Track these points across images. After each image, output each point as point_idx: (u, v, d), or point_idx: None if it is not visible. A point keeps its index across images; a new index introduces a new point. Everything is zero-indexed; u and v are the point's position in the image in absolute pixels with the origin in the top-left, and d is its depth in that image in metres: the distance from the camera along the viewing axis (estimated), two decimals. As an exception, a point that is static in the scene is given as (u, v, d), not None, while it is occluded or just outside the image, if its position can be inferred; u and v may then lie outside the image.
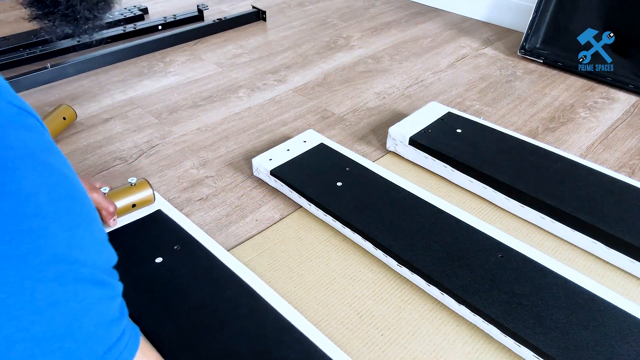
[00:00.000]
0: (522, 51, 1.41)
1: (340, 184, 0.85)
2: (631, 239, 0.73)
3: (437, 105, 1.06)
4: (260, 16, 1.68)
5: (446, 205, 0.80)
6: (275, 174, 0.88)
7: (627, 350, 0.58)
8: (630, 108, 1.19)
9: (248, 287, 0.66)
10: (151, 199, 0.75)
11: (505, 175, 0.86)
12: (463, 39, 1.55)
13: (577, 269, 0.75)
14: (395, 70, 1.36)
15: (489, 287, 0.66)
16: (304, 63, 1.40)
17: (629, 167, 0.98)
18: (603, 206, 0.79)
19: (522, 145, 0.94)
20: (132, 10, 1.68)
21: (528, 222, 0.84)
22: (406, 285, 0.73)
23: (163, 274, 0.67)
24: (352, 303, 0.70)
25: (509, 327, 0.61)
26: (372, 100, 1.22)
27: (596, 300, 0.64)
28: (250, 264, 0.76)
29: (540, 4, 1.37)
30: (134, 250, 0.71)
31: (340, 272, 0.75)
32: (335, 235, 0.81)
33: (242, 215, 0.86)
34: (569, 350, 0.58)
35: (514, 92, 1.25)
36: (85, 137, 1.07)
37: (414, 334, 0.66)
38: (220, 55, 1.45)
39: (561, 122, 1.13)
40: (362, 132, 1.09)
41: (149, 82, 1.30)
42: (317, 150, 0.93)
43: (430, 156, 0.93)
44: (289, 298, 0.71)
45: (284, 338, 0.59)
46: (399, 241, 0.73)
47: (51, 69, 1.28)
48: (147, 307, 0.63)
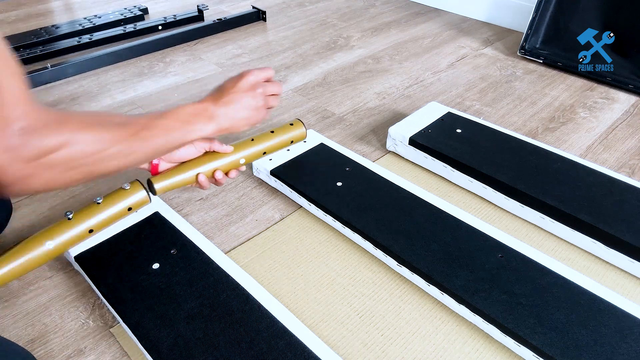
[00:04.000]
0: (522, 51, 1.41)
1: (340, 184, 0.85)
2: (631, 239, 0.73)
3: (437, 105, 1.06)
4: (260, 16, 1.68)
5: (446, 205, 0.80)
6: (275, 174, 0.88)
7: (627, 350, 0.58)
8: (630, 108, 1.19)
9: (245, 291, 0.66)
10: (146, 200, 0.74)
11: (505, 175, 0.86)
12: (463, 39, 1.55)
13: (577, 269, 0.75)
14: (395, 70, 1.36)
15: (489, 287, 0.66)
16: (304, 63, 1.40)
17: (628, 167, 0.98)
18: (603, 206, 0.79)
19: (522, 145, 0.94)
20: (132, 10, 1.68)
21: (528, 222, 0.84)
22: (406, 285, 0.73)
23: (160, 281, 0.67)
24: (352, 303, 0.70)
25: (509, 327, 0.61)
26: (372, 100, 1.22)
27: (596, 300, 0.64)
28: (249, 264, 0.76)
29: (540, 4, 1.37)
30: (131, 256, 0.71)
31: (340, 272, 0.75)
32: (335, 235, 0.81)
33: (242, 215, 0.86)
34: (569, 350, 0.58)
35: (513, 92, 1.25)
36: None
37: (414, 334, 0.66)
38: (220, 55, 1.45)
39: (561, 122, 1.13)
40: (362, 132, 1.09)
41: (149, 82, 1.30)
42: (317, 150, 0.93)
43: (430, 156, 0.93)
44: (289, 298, 0.71)
45: (278, 343, 0.59)
46: (399, 241, 0.73)
47: (51, 69, 1.29)
48: (143, 315, 0.63)
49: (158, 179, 0.71)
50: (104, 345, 0.65)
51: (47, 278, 0.74)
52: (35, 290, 0.73)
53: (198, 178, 0.71)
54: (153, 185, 0.71)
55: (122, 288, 0.66)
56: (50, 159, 0.45)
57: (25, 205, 0.88)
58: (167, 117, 0.60)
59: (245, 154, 0.77)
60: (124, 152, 0.54)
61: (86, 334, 0.66)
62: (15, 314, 0.69)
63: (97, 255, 0.71)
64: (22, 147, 0.42)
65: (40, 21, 1.68)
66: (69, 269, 0.76)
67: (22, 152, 0.42)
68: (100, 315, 0.69)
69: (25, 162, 0.43)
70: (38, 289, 0.73)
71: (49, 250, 0.66)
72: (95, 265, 0.69)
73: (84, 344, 0.65)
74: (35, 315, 0.69)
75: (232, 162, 0.75)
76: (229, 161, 0.75)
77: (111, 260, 0.70)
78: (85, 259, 0.70)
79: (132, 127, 0.55)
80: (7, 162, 0.41)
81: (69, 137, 0.46)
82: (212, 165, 0.73)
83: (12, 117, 0.42)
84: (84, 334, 0.66)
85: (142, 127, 0.56)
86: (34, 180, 0.45)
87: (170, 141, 0.60)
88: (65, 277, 0.75)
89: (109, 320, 0.68)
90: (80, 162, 0.48)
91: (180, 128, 0.60)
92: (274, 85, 0.70)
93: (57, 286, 0.73)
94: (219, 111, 0.63)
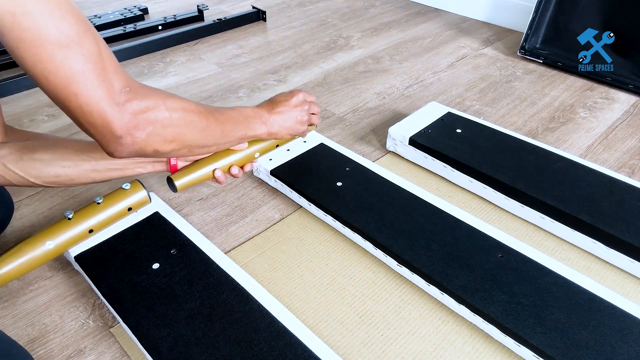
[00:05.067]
0: (522, 51, 1.41)
1: (340, 184, 0.85)
2: (631, 239, 0.73)
3: (437, 105, 1.06)
4: (260, 16, 1.68)
5: (446, 205, 0.80)
6: (275, 174, 0.88)
7: (627, 350, 0.58)
8: (630, 108, 1.19)
9: (245, 291, 0.66)
10: (146, 200, 0.74)
11: (505, 175, 0.86)
12: (463, 39, 1.55)
13: (577, 269, 0.75)
14: (395, 70, 1.36)
15: (488, 287, 0.66)
16: (304, 63, 1.40)
17: (628, 167, 0.98)
18: (603, 206, 0.79)
19: (522, 145, 0.94)
20: (132, 10, 1.68)
21: (528, 222, 0.84)
22: (406, 285, 0.73)
23: (160, 281, 0.67)
24: (352, 303, 0.70)
25: (509, 327, 0.61)
26: (372, 100, 1.22)
27: (596, 300, 0.64)
28: (250, 264, 0.76)
29: (540, 4, 1.37)
30: (131, 256, 0.71)
31: (340, 272, 0.75)
32: (335, 235, 0.81)
33: (242, 215, 0.86)
34: (569, 350, 0.58)
35: (513, 92, 1.25)
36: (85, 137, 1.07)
37: (413, 334, 0.66)
38: (220, 55, 1.45)
39: (561, 122, 1.13)
40: (362, 132, 1.09)
41: (149, 82, 1.30)
42: (317, 150, 0.93)
43: (430, 156, 0.93)
44: (289, 299, 0.71)
45: (278, 343, 0.59)
46: (399, 241, 0.73)
47: (51, 69, 1.28)
48: (143, 315, 0.63)
49: (178, 176, 0.72)
50: (104, 345, 0.65)
51: (47, 278, 0.74)
52: (35, 290, 0.73)
53: (215, 173, 0.74)
54: (173, 182, 0.72)
55: (122, 288, 0.66)
56: (149, 115, 0.54)
57: (25, 205, 0.88)
58: (233, 111, 0.69)
59: (259, 148, 0.79)
60: (202, 125, 0.62)
61: (86, 334, 0.66)
62: (15, 314, 0.69)
63: (97, 255, 0.71)
64: (127, 103, 0.52)
65: (40, 21, 1.68)
66: (69, 269, 0.76)
67: (128, 107, 0.52)
68: (100, 315, 0.69)
69: (131, 115, 0.52)
70: (38, 289, 0.73)
71: (49, 250, 0.66)
72: (95, 265, 0.69)
73: (84, 344, 0.65)
74: (35, 315, 0.69)
75: (247, 155, 0.78)
76: (244, 155, 0.77)
77: (111, 260, 0.70)
78: (85, 259, 0.70)
79: (208, 108, 0.64)
80: (117, 115, 0.51)
81: (161, 100, 0.56)
82: (229, 160, 0.76)
83: (116, 80, 0.51)
84: (84, 334, 0.66)
85: (215, 110, 0.66)
86: (139, 132, 0.53)
87: (234, 131, 0.69)
88: (65, 277, 0.75)
89: (109, 320, 0.68)
90: (172, 123, 0.57)
91: (243, 123, 0.70)
92: (316, 106, 0.82)
93: (57, 286, 0.73)
94: (272, 118, 0.74)
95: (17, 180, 0.65)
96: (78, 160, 0.68)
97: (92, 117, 0.50)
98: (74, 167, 0.67)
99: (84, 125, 0.51)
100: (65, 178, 0.67)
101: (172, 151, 0.60)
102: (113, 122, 0.51)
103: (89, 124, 0.51)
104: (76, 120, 0.51)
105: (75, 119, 0.51)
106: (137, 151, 0.55)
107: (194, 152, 0.65)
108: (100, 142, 0.53)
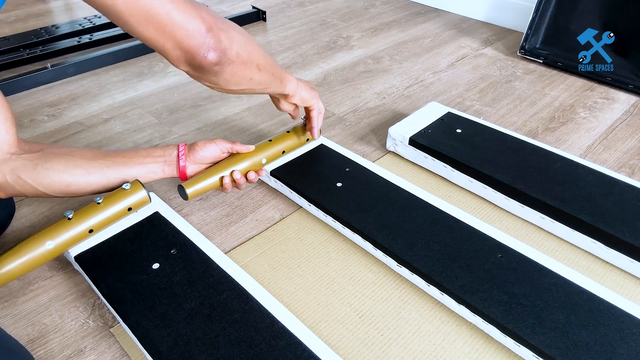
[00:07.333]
0: (522, 51, 1.41)
1: (340, 185, 0.85)
2: (631, 239, 0.73)
3: (437, 105, 1.06)
4: (260, 16, 1.68)
5: (446, 205, 0.80)
6: (275, 175, 0.88)
7: (627, 350, 0.58)
8: (630, 108, 1.19)
9: (245, 291, 0.66)
10: (146, 200, 0.74)
11: (505, 175, 0.86)
12: (463, 39, 1.55)
13: (577, 269, 0.75)
14: (395, 70, 1.36)
15: (488, 287, 0.66)
16: (304, 63, 1.40)
17: (628, 167, 0.98)
18: (603, 206, 0.79)
19: (522, 145, 0.94)
20: (132, 10, 1.68)
21: (528, 222, 0.84)
22: (406, 285, 0.73)
23: (160, 281, 0.67)
24: (352, 303, 0.70)
25: (509, 327, 0.61)
26: (372, 100, 1.22)
27: (596, 300, 0.64)
28: (249, 264, 0.76)
29: (540, 4, 1.37)
30: (131, 256, 0.71)
31: (340, 273, 0.75)
32: (335, 235, 0.81)
33: (242, 215, 0.86)
34: (569, 350, 0.58)
35: (513, 92, 1.26)
36: (85, 137, 1.07)
37: (414, 334, 0.66)
38: (220, 55, 1.45)
39: (561, 122, 1.13)
40: (362, 132, 1.09)
41: (149, 82, 1.30)
42: (317, 151, 0.93)
43: (430, 156, 0.93)
44: (289, 299, 0.71)
45: (278, 343, 0.59)
46: (399, 241, 0.73)
47: (51, 69, 1.29)
48: (143, 315, 0.63)
49: (189, 184, 0.75)
50: (104, 345, 0.65)
51: (47, 278, 0.74)
52: (35, 290, 0.73)
53: (223, 181, 0.77)
54: (185, 190, 0.75)
55: (122, 288, 0.66)
56: (228, 24, 0.62)
57: (25, 205, 0.88)
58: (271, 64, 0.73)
59: (266, 154, 0.84)
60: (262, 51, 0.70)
61: (86, 334, 0.66)
62: (15, 314, 0.69)
63: (97, 255, 0.71)
64: (215, 33, 0.59)
65: (40, 21, 1.68)
66: (69, 269, 0.76)
67: (216, 33, 0.59)
68: (100, 315, 0.69)
69: (220, 42, 0.60)
70: (38, 289, 0.73)
71: (49, 250, 0.66)
72: (95, 265, 0.69)
73: (84, 344, 0.65)
74: (35, 315, 0.69)
75: (255, 162, 0.82)
76: (252, 162, 0.81)
77: (111, 260, 0.70)
78: (85, 259, 0.70)
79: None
80: (212, 43, 0.59)
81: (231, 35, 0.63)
82: (237, 167, 0.79)
83: (202, 17, 0.58)
84: (84, 334, 0.66)
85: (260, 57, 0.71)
86: (229, 55, 0.61)
87: (270, 80, 0.73)
88: (65, 277, 0.75)
89: (109, 320, 0.68)
90: (246, 37, 0.66)
91: (278, 76, 0.75)
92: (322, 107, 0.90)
93: (57, 286, 0.73)
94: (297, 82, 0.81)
95: (29, 192, 0.65)
96: (90, 167, 0.69)
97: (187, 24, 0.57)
98: (86, 174, 0.68)
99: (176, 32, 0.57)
100: (75, 187, 0.68)
101: (248, 62, 0.66)
102: (214, 47, 0.59)
103: (183, 30, 0.57)
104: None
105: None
106: (223, 49, 0.61)
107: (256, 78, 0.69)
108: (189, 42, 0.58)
